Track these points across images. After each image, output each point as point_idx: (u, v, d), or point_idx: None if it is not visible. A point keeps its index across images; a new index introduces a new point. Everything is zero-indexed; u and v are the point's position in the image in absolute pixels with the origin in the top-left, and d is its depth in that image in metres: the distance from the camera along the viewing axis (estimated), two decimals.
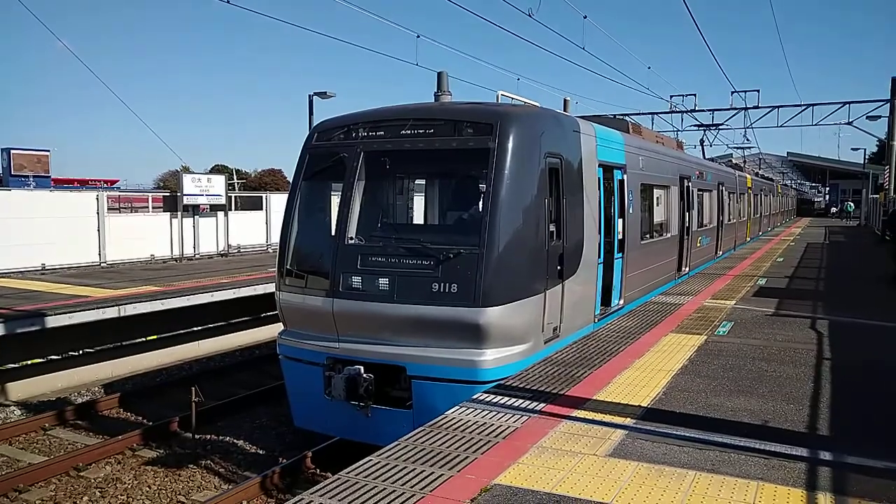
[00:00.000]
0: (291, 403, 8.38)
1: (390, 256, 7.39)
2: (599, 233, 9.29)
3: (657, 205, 13.12)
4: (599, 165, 9.43)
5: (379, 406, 7.39)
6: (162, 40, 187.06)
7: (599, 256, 9.37)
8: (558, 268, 7.93)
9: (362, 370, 7.32)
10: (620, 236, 10.42)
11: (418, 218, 9.70)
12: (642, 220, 11.80)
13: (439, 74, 8.72)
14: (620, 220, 10.41)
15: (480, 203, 7.39)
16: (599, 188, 9.40)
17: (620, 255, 10.40)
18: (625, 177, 10.58)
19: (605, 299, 9.90)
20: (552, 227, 7.83)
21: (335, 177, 8.00)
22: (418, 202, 9.76)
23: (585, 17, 20.36)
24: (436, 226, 9.30)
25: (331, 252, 7.63)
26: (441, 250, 7.13)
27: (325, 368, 7.65)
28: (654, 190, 12.82)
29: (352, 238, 7.58)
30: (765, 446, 4.84)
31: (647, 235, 12.34)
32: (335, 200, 7.97)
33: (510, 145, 7.25)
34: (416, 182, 9.67)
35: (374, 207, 8.14)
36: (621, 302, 10.53)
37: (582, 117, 10.30)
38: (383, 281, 7.27)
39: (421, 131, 7.63)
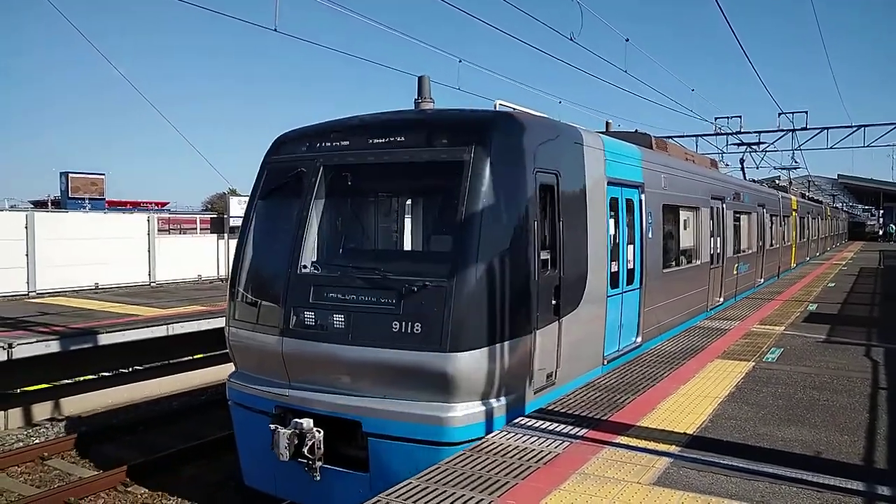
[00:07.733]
0: (241, 458, 7.18)
1: (347, 288, 6.27)
2: (610, 261, 8.13)
3: (684, 228, 11.66)
4: (610, 183, 8.24)
5: (330, 466, 6.22)
6: (212, 66, 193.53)
7: (613, 287, 8.22)
8: (553, 303, 6.76)
9: (311, 424, 6.17)
10: (637, 265, 9.12)
11: (385, 243, 8.21)
12: (665, 246, 10.43)
13: (420, 79, 7.53)
14: (637, 247, 9.14)
15: (453, 226, 6.22)
16: (609, 209, 8.21)
17: (637, 286, 9.09)
18: (642, 196, 9.29)
19: (618, 338, 8.60)
20: (545, 255, 6.70)
21: (294, 194, 6.85)
22: (383, 225, 8.26)
23: (627, 39, 20.41)
24: (401, 252, 8.04)
25: (282, 282, 6.55)
26: (403, 282, 5.97)
27: (274, 419, 6.42)
28: (680, 212, 11.39)
29: (305, 266, 6.54)
30: (817, 478, 4.67)
31: (671, 263, 10.96)
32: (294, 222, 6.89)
33: (490, 158, 6.13)
34: (382, 201, 8.14)
35: (332, 231, 7.12)
36: (639, 340, 9.21)
37: (598, 132, 9.22)
38: (338, 318, 6.17)
39: (390, 141, 6.54)
